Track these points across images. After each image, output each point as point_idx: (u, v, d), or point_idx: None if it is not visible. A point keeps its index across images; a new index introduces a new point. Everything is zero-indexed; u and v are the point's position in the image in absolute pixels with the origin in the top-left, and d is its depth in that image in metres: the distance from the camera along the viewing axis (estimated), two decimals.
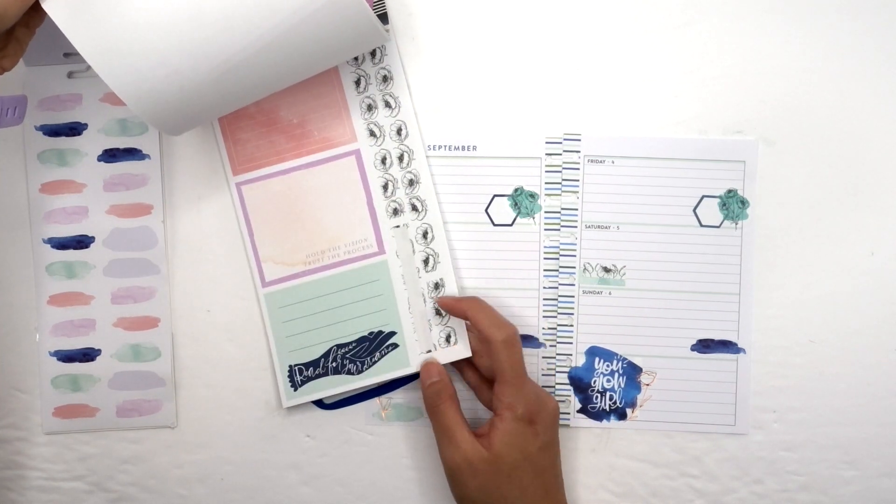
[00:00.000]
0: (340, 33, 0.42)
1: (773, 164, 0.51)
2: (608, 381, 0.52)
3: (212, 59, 0.40)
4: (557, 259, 0.52)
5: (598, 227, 0.51)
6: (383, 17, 0.50)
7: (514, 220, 0.52)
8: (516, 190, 0.51)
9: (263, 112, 0.51)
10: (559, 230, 0.51)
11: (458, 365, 0.51)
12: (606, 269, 0.51)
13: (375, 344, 0.51)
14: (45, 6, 0.39)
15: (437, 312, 0.51)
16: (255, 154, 0.51)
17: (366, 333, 0.51)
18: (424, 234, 0.51)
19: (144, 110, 0.41)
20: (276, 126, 0.51)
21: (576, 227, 0.51)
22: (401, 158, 0.51)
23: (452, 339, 0.51)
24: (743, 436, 0.51)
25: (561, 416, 0.51)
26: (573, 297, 0.52)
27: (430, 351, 0.51)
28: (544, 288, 0.52)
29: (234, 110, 0.46)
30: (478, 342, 0.50)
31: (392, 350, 0.51)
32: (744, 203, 0.51)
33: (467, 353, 0.51)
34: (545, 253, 0.52)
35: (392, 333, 0.51)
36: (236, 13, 0.39)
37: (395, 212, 0.51)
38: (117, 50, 0.39)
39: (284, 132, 0.51)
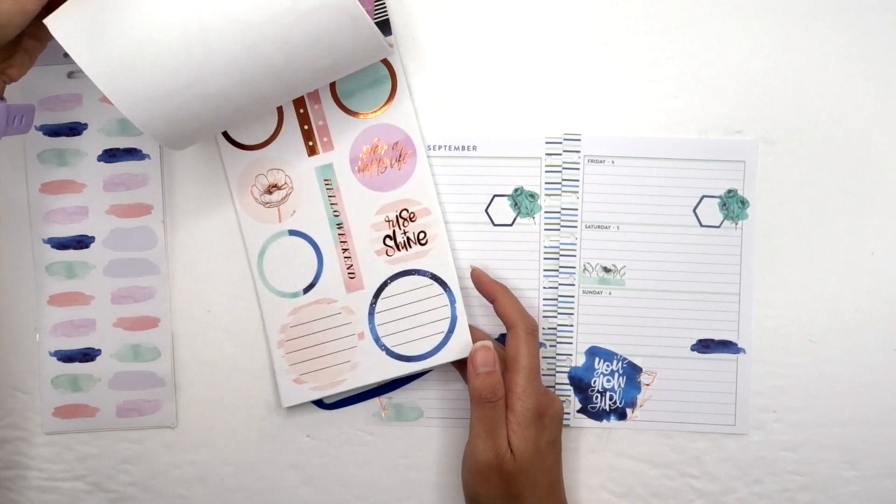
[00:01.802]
0: (344, 49, 0.42)
1: (773, 164, 0.51)
2: (608, 381, 0.52)
3: (216, 76, 0.40)
4: (557, 259, 0.52)
5: (598, 227, 0.51)
6: (385, 24, 0.50)
7: (514, 220, 0.52)
8: (516, 190, 0.51)
9: None
10: (559, 230, 0.51)
11: (458, 364, 0.51)
12: (606, 269, 0.51)
13: None
14: (48, 25, 0.40)
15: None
16: None
17: None
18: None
19: (149, 127, 0.42)
20: None
21: (576, 227, 0.51)
22: None
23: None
24: (743, 436, 0.51)
25: None
26: (573, 297, 0.52)
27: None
28: (544, 288, 0.52)
29: (239, 124, 0.46)
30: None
31: None
32: (744, 203, 0.51)
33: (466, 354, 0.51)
34: (545, 253, 0.52)
35: None
36: (239, 30, 0.40)
37: None
38: (122, 69, 0.40)
39: None
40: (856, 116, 0.51)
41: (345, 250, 0.51)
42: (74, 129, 0.52)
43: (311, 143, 0.51)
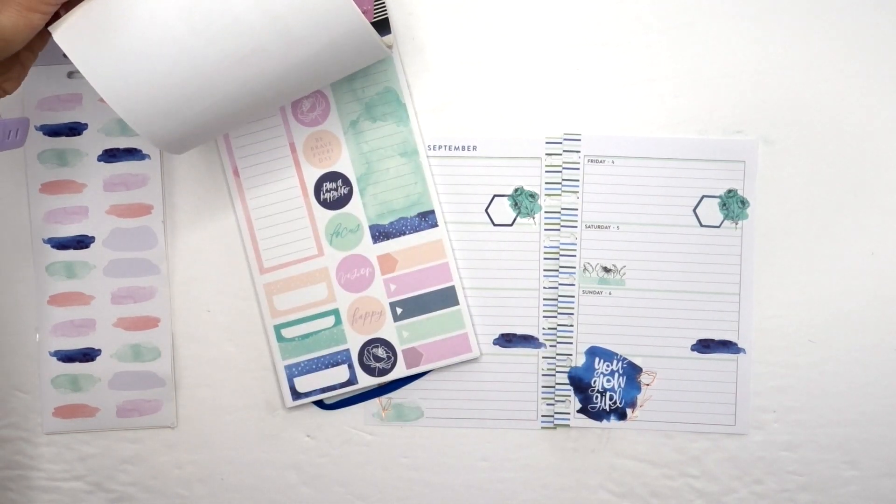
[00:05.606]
0: (342, 50, 0.42)
1: (773, 164, 0.51)
2: (608, 381, 0.52)
3: (217, 83, 0.41)
4: (557, 259, 0.52)
5: (598, 227, 0.51)
6: (384, 23, 0.50)
7: (514, 220, 0.52)
8: (516, 190, 0.51)
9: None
10: (559, 230, 0.51)
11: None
12: (606, 269, 0.51)
13: None
14: (55, 37, 0.40)
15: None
16: None
17: None
18: None
19: (154, 136, 0.42)
20: None
21: (576, 227, 0.51)
22: None
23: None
24: (743, 436, 0.51)
25: (561, 415, 0.51)
26: (573, 297, 0.52)
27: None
28: (544, 288, 0.52)
29: (238, 127, 0.46)
30: None
31: None
32: (744, 203, 0.51)
33: (476, 354, 0.51)
34: (545, 253, 0.52)
35: None
36: (240, 36, 0.40)
37: None
38: (127, 80, 0.40)
39: None
40: (856, 116, 0.51)
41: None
42: (74, 129, 0.52)
43: None
